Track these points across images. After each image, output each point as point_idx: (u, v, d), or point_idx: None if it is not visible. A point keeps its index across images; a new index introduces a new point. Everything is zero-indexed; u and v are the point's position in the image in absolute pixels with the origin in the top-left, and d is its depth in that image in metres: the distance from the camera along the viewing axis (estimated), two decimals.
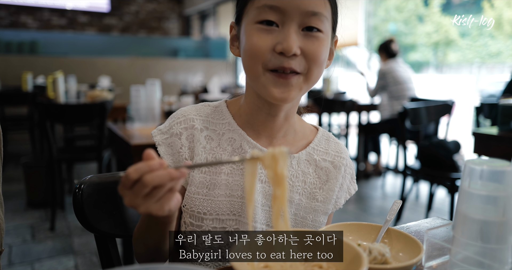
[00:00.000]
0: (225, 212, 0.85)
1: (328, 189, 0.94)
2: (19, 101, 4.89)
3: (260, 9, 0.75)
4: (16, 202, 3.62)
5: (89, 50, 8.18)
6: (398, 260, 0.77)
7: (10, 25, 8.83)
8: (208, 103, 0.94)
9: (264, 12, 0.75)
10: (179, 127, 0.88)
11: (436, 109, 3.15)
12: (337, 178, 0.95)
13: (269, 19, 0.75)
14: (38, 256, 2.62)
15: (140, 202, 0.60)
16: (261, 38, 0.76)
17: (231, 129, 0.89)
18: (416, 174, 3.04)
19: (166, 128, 0.89)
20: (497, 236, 0.61)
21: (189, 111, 0.90)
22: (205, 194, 0.85)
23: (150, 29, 10.42)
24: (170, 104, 3.01)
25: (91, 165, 4.83)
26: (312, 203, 0.93)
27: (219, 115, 0.91)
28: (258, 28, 0.76)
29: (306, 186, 0.93)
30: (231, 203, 0.86)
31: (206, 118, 0.90)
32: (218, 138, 0.88)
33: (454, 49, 5.19)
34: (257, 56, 0.77)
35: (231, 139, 0.89)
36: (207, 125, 0.89)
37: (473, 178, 0.62)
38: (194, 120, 0.89)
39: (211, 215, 0.85)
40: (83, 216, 0.92)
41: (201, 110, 0.91)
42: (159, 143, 0.88)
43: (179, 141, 0.87)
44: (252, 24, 0.77)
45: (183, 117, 0.89)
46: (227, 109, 0.92)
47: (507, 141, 2.14)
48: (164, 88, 6.67)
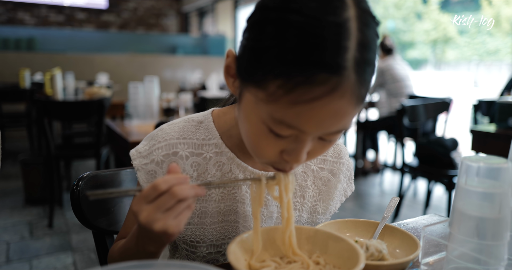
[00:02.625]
0: (220, 238, 0.82)
1: (328, 199, 0.91)
2: (17, 98, 4.88)
3: (276, 122, 0.59)
4: (14, 199, 3.61)
5: (87, 47, 8.16)
6: (395, 256, 0.77)
7: (7, 22, 8.80)
8: (192, 118, 0.84)
9: (279, 127, 0.59)
10: (160, 154, 0.79)
11: (434, 107, 3.16)
12: (336, 187, 0.91)
13: (283, 134, 0.60)
14: (36, 252, 2.62)
15: (159, 217, 0.57)
16: (269, 144, 0.63)
17: (218, 152, 0.80)
18: (414, 171, 3.05)
19: (146, 152, 0.80)
20: (493, 233, 0.62)
21: (171, 133, 0.80)
22: (196, 223, 0.80)
23: (148, 26, 10.40)
24: (169, 101, 3.00)
25: (89, 162, 4.83)
26: (313, 217, 0.90)
27: (205, 133, 0.81)
28: (267, 132, 0.61)
29: (305, 201, 0.88)
30: (225, 228, 0.82)
31: (190, 140, 0.80)
32: (205, 162, 0.80)
33: (452, 46, 5.19)
34: (259, 154, 0.67)
35: (219, 163, 0.81)
36: (192, 150, 0.80)
37: (470, 175, 0.63)
38: (178, 146, 0.79)
39: (205, 242, 0.81)
40: (81, 213, 0.92)
41: (184, 130, 0.81)
42: (138, 168, 0.79)
43: (161, 170, 0.79)
44: (261, 122, 0.61)
45: (164, 142, 0.79)
46: (214, 125, 0.82)
47: (504, 139, 2.14)
48: (163, 85, 6.66)
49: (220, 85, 5.62)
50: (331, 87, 0.54)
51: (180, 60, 8.44)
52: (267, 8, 0.59)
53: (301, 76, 0.54)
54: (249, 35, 0.62)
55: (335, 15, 0.55)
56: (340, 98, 0.56)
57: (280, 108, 0.57)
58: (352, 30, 0.55)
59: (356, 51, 0.55)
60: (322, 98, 0.55)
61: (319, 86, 0.54)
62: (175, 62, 8.36)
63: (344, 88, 0.55)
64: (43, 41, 7.89)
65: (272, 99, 0.57)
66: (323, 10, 0.54)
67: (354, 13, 0.56)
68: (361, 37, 0.56)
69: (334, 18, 0.54)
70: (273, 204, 0.85)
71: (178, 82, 7.83)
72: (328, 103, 0.55)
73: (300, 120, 0.57)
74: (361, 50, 0.56)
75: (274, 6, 0.58)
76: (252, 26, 0.62)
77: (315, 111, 0.56)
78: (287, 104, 0.56)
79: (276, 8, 0.57)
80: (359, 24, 0.56)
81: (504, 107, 2.26)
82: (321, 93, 0.54)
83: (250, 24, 0.62)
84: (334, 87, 0.54)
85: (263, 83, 0.58)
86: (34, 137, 5.12)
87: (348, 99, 0.56)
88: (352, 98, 0.57)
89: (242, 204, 0.81)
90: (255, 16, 0.62)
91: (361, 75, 0.56)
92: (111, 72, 7.15)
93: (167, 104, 2.98)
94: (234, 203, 0.81)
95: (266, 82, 0.58)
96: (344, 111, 0.57)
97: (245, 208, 0.81)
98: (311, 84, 0.54)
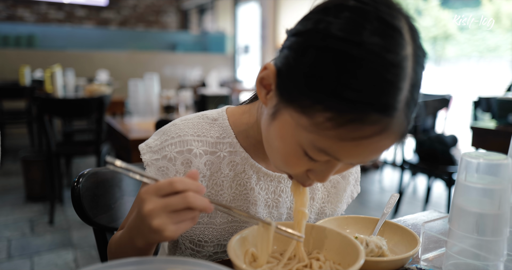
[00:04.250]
0: (228, 238, 0.81)
1: (336, 201, 0.91)
2: (17, 95, 4.88)
3: (315, 149, 0.58)
4: (15, 196, 3.62)
5: (87, 44, 8.15)
6: (395, 252, 0.78)
7: (7, 19, 8.78)
8: (206, 115, 0.82)
9: (317, 154, 0.58)
10: (173, 151, 0.76)
11: (433, 103, 3.16)
12: (345, 189, 0.92)
13: (318, 159, 0.60)
14: (37, 249, 2.63)
15: (162, 215, 0.55)
16: (299, 164, 0.62)
17: (232, 151, 0.79)
18: (414, 168, 3.05)
19: (157, 147, 0.78)
20: (493, 229, 0.62)
21: (185, 129, 0.78)
22: (206, 223, 0.80)
23: (148, 23, 10.37)
24: (168, 98, 3.00)
25: (90, 159, 4.83)
26: (320, 218, 0.91)
27: (219, 131, 0.79)
28: (301, 154, 0.60)
29: (315, 203, 0.89)
30: (234, 228, 0.81)
31: (205, 138, 0.78)
32: (218, 161, 0.78)
33: (452, 43, 5.18)
34: (284, 169, 0.66)
35: (233, 163, 0.79)
36: (206, 148, 0.78)
37: (470, 171, 0.63)
38: (191, 143, 0.77)
39: (213, 242, 0.81)
40: (82, 210, 0.93)
41: (198, 127, 0.79)
42: (148, 163, 0.77)
43: (173, 167, 0.76)
44: (297, 144, 0.60)
45: (178, 138, 0.77)
46: (229, 124, 0.80)
47: (504, 135, 2.15)
48: (162, 82, 6.65)
49: (220, 82, 5.61)
50: (382, 128, 0.53)
51: (180, 57, 8.43)
52: (328, 34, 0.54)
53: (353, 113, 0.52)
54: (300, 57, 0.57)
55: (395, 53, 0.52)
56: (387, 137, 0.55)
57: (324, 139, 0.56)
58: (408, 71, 0.53)
59: (409, 92, 0.54)
60: (371, 138, 0.54)
61: (370, 126, 0.53)
62: (175, 59, 8.35)
63: (394, 129, 0.54)
64: (43, 38, 7.88)
65: (318, 129, 0.55)
66: (383, 47, 0.52)
67: (411, 51, 0.54)
68: (415, 77, 0.54)
69: (394, 57, 0.52)
70: (284, 206, 0.85)
71: (178, 79, 7.83)
72: (375, 142, 0.55)
73: (342, 152, 0.56)
74: (412, 91, 0.55)
75: (337, 35, 0.53)
76: (305, 49, 0.56)
77: (360, 148, 0.55)
78: (334, 138, 0.55)
79: (332, 36, 0.53)
80: (414, 64, 0.54)
81: (504, 104, 2.26)
82: (371, 133, 0.54)
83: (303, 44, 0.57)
84: (384, 128, 0.54)
85: (310, 111, 0.55)
86: (34, 134, 5.13)
87: (394, 137, 0.56)
88: (398, 137, 0.56)
89: (254, 205, 0.80)
90: (305, 36, 0.57)
91: (408, 115, 0.56)
92: (111, 69, 7.14)
93: (167, 101, 2.98)
94: (245, 204, 0.81)
95: (313, 111, 0.55)
96: (387, 147, 0.58)
97: (256, 210, 0.81)
98: (362, 123, 0.53)
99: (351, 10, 0.54)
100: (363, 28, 0.52)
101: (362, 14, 0.53)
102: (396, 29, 0.53)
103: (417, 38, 0.56)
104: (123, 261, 0.48)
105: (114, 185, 1.00)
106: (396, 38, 0.53)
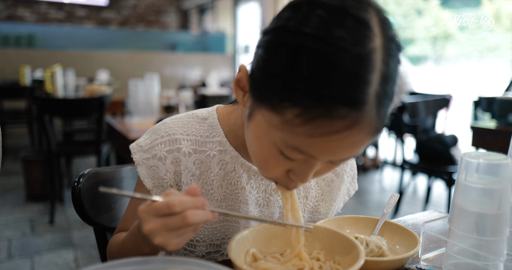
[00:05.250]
0: (220, 237, 0.81)
1: (330, 200, 0.91)
2: (17, 95, 4.88)
3: (288, 147, 0.57)
4: (15, 196, 3.62)
5: (87, 44, 8.15)
6: (395, 252, 0.78)
7: (7, 18, 8.77)
8: (196, 114, 0.82)
9: (291, 152, 0.58)
10: (163, 149, 0.77)
11: (434, 103, 3.16)
12: (339, 188, 0.91)
13: (294, 158, 0.59)
14: (37, 249, 2.63)
15: (163, 234, 0.55)
16: (277, 164, 0.61)
17: (222, 150, 0.79)
18: (414, 168, 3.05)
19: (147, 146, 0.78)
20: (493, 229, 0.62)
21: (174, 128, 0.78)
22: None
23: (148, 23, 10.37)
24: (169, 98, 3.00)
25: (90, 159, 4.84)
26: (314, 217, 0.90)
27: (209, 130, 0.80)
28: (277, 153, 0.60)
29: (308, 202, 0.89)
30: (226, 228, 0.81)
31: (194, 137, 0.78)
32: (208, 160, 0.78)
33: (452, 42, 5.18)
34: (265, 171, 0.65)
35: (223, 162, 0.79)
36: (196, 147, 0.78)
37: (470, 171, 0.63)
38: (181, 141, 0.77)
39: (205, 241, 0.80)
40: (82, 210, 0.93)
41: (188, 126, 0.79)
42: (139, 162, 0.78)
43: (163, 166, 0.77)
44: (272, 144, 0.60)
45: (167, 136, 0.78)
46: (219, 123, 0.80)
47: (505, 135, 2.15)
48: (163, 82, 6.65)
49: (220, 82, 5.61)
50: (351, 122, 0.53)
51: (180, 57, 8.42)
52: (287, 29, 0.55)
53: (320, 108, 0.52)
54: (264, 55, 0.58)
55: (362, 46, 0.51)
56: (359, 132, 0.54)
57: (295, 136, 0.55)
58: (377, 63, 0.52)
59: (379, 85, 0.52)
60: (341, 132, 0.53)
61: (339, 120, 0.52)
62: (175, 59, 8.35)
63: (364, 123, 0.53)
64: (43, 38, 7.88)
65: (288, 127, 0.55)
66: (349, 40, 0.51)
67: (380, 42, 0.53)
68: (385, 69, 0.53)
69: (359, 50, 0.51)
70: (275, 205, 0.84)
71: (178, 79, 7.82)
72: (346, 137, 0.54)
73: (315, 149, 0.56)
74: (383, 84, 0.53)
75: (296, 30, 0.53)
76: (267, 47, 0.57)
77: (331, 143, 0.55)
78: (304, 134, 0.54)
79: (298, 33, 0.53)
80: (384, 56, 0.53)
81: (504, 103, 2.26)
82: (340, 128, 0.53)
83: (266, 43, 0.58)
84: (354, 122, 0.53)
85: (279, 108, 0.55)
86: (34, 134, 5.13)
87: (366, 132, 0.55)
88: (370, 131, 0.55)
89: (245, 204, 0.80)
90: (273, 35, 0.57)
91: (381, 109, 0.54)
92: (111, 69, 7.14)
93: (167, 101, 2.98)
94: (236, 203, 0.80)
95: (282, 108, 0.55)
96: (361, 143, 0.56)
97: (247, 209, 0.80)
98: (330, 118, 0.52)
99: (316, 6, 0.54)
100: (328, 23, 0.52)
101: (328, 9, 0.53)
102: (363, 21, 0.53)
103: (388, 30, 0.55)
104: (124, 261, 0.48)
105: (115, 185, 1.00)
106: (362, 31, 0.52)
